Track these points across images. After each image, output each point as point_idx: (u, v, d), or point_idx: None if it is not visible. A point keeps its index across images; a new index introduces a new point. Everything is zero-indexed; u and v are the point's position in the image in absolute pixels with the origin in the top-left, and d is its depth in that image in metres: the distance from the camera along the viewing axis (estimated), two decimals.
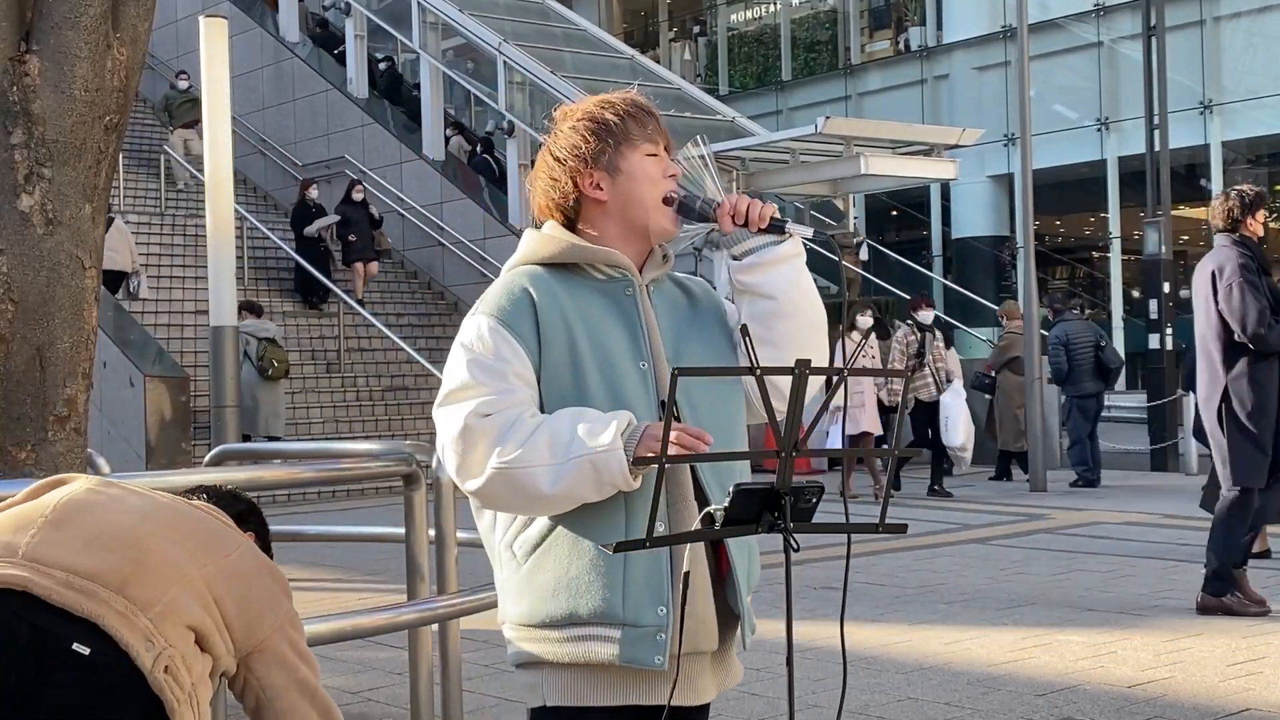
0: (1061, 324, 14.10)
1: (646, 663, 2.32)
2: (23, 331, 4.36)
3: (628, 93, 2.53)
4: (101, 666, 2.37)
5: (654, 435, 2.23)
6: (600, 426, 2.27)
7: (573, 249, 2.44)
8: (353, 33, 21.59)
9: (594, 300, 2.42)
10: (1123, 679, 5.58)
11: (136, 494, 2.70)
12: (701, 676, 2.41)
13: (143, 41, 4.67)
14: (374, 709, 5.42)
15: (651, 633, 2.32)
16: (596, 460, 2.25)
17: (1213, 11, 22.71)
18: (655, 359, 2.41)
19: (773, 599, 2.17)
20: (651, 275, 2.48)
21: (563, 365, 2.37)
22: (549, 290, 2.40)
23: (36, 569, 2.42)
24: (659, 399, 2.38)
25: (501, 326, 2.36)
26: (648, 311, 2.44)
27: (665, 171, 2.46)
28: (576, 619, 2.34)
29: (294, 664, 2.65)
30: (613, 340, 2.39)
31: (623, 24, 32.49)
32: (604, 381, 2.36)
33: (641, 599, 2.32)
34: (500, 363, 2.34)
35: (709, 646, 2.39)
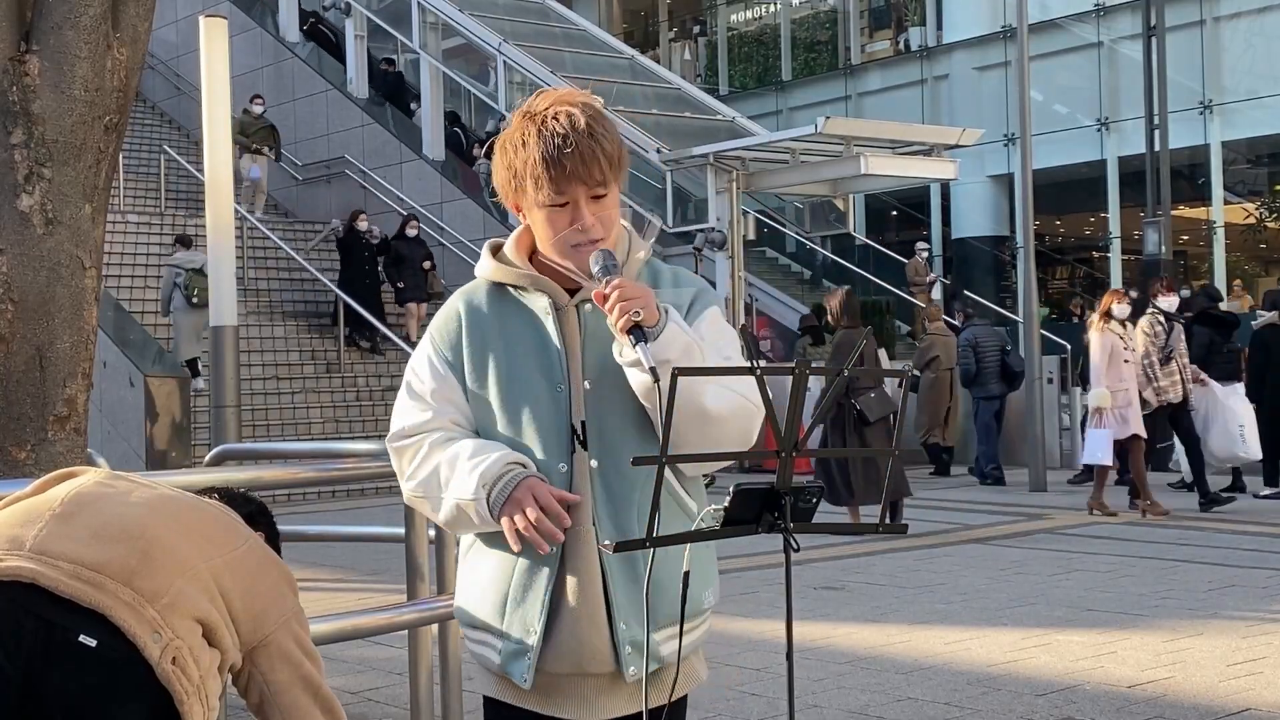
0: (971, 329, 14.89)
1: (515, 677, 2.41)
2: (23, 331, 4.36)
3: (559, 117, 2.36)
4: (108, 658, 2.38)
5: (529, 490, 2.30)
6: (474, 470, 2.34)
7: (501, 271, 2.48)
8: (353, 33, 21.60)
9: (518, 321, 2.45)
10: (1123, 679, 5.58)
11: (145, 486, 2.70)
12: (600, 696, 2.43)
13: (143, 41, 4.67)
14: (374, 709, 5.42)
15: (521, 651, 2.40)
16: (463, 505, 2.36)
17: (1213, 11, 22.71)
18: (572, 381, 2.41)
19: (773, 599, 2.17)
20: (588, 295, 2.41)
21: (480, 387, 2.44)
22: (479, 312, 2.47)
23: (44, 561, 2.42)
24: (571, 420, 2.39)
25: (431, 347, 2.48)
26: (570, 333, 2.42)
27: (572, 222, 2.37)
28: (476, 623, 2.48)
29: (299, 660, 2.65)
30: (529, 361, 2.41)
31: (623, 24, 32.49)
32: (513, 403, 2.41)
33: (515, 618, 2.40)
34: (428, 385, 2.46)
35: (600, 669, 2.40)
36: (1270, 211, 24.40)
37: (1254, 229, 24.31)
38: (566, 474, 2.38)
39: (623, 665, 2.39)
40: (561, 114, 2.36)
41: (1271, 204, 24.51)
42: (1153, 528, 10.29)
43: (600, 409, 2.39)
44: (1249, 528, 10.17)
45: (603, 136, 2.37)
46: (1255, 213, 24.26)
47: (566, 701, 2.42)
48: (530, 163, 2.35)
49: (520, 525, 2.28)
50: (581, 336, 2.42)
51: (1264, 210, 24.31)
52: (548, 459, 2.38)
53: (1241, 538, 9.71)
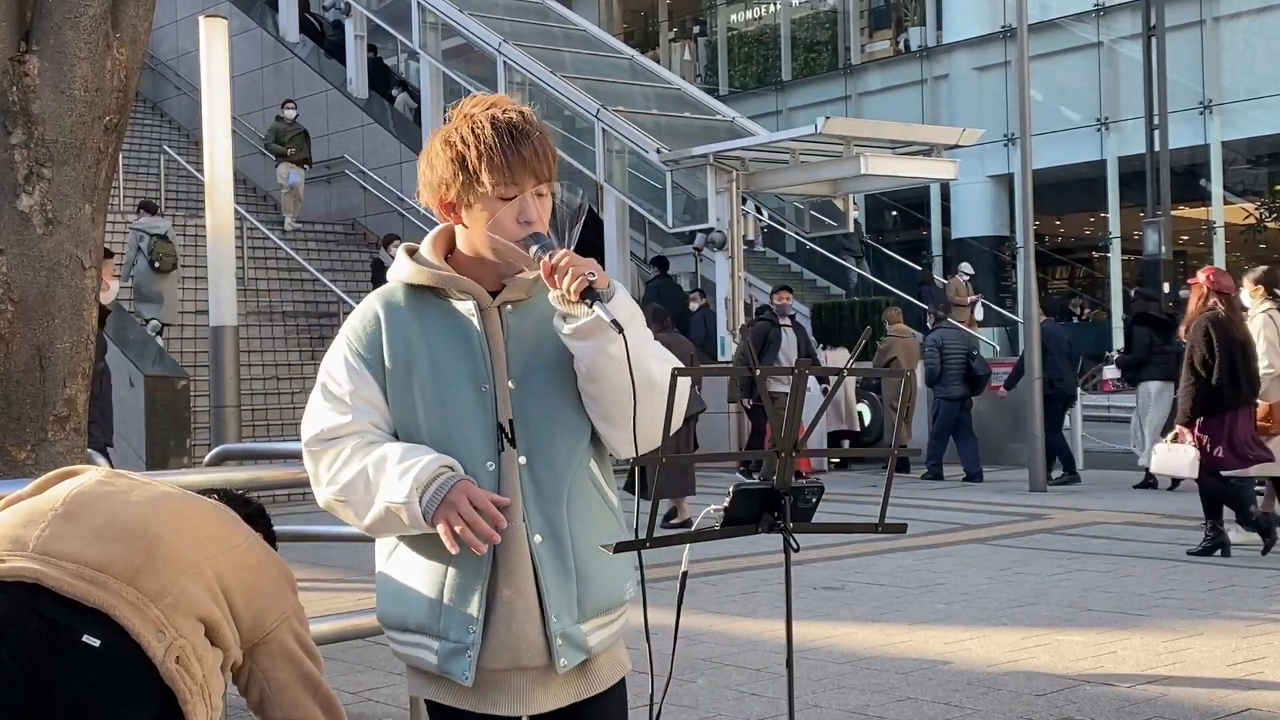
0: (940, 330, 15.15)
1: (456, 675, 2.42)
2: (23, 331, 4.36)
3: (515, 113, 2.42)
4: (112, 658, 2.38)
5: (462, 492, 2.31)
6: (405, 474, 2.33)
7: (423, 274, 2.47)
8: (353, 33, 21.60)
9: (441, 323, 2.45)
10: (1123, 679, 5.58)
11: (146, 485, 2.70)
12: (533, 689, 2.45)
13: (143, 41, 4.67)
14: (374, 709, 5.42)
15: (461, 649, 2.41)
16: (393, 509, 2.35)
17: (1213, 11, 22.72)
18: (497, 381, 2.43)
19: (773, 599, 2.17)
20: (512, 296, 2.46)
21: (402, 386, 2.44)
22: (398, 314, 2.47)
23: (47, 561, 2.43)
24: (498, 420, 2.42)
25: (348, 350, 2.47)
26: (494, 333, 2.44)
27: (520, 218, 2.40)
28: (408, 625, 2.47)
29: (299, 658, 2.65)
30: (453, 363, 2.43)
31: (623, 24, 32.50)
32: (439, 404, 2.42)
33: (454, 616, 2.41)
34: (345, 387, 2.45)
35: (534, 663, 2.42)
36: (1270, 211, 24.42)
37: (1254, 229, 24.33)
38: (495, 472, 2.41)
39: (554, 657, 2.42)
40: (512, 111, 2.42)
41: (1271, 204, 24.53)
42: (1153, 528, 10.29)
43: (526, 407, 2.42)
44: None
45: (548, 136, 2.44)
46: (1255, 213, 24.28)
47: (503, 696, 2.45)
48: (488, 152, 2.37)
49: (457, 528, 2.30)
50: (505, 337, 2.45)
51: (1264, 210, 24.33)
52: (475, 458, 2.40)
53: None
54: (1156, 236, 16.42)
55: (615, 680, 2.53)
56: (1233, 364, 8.69)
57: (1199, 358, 8.70)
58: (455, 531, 2.30)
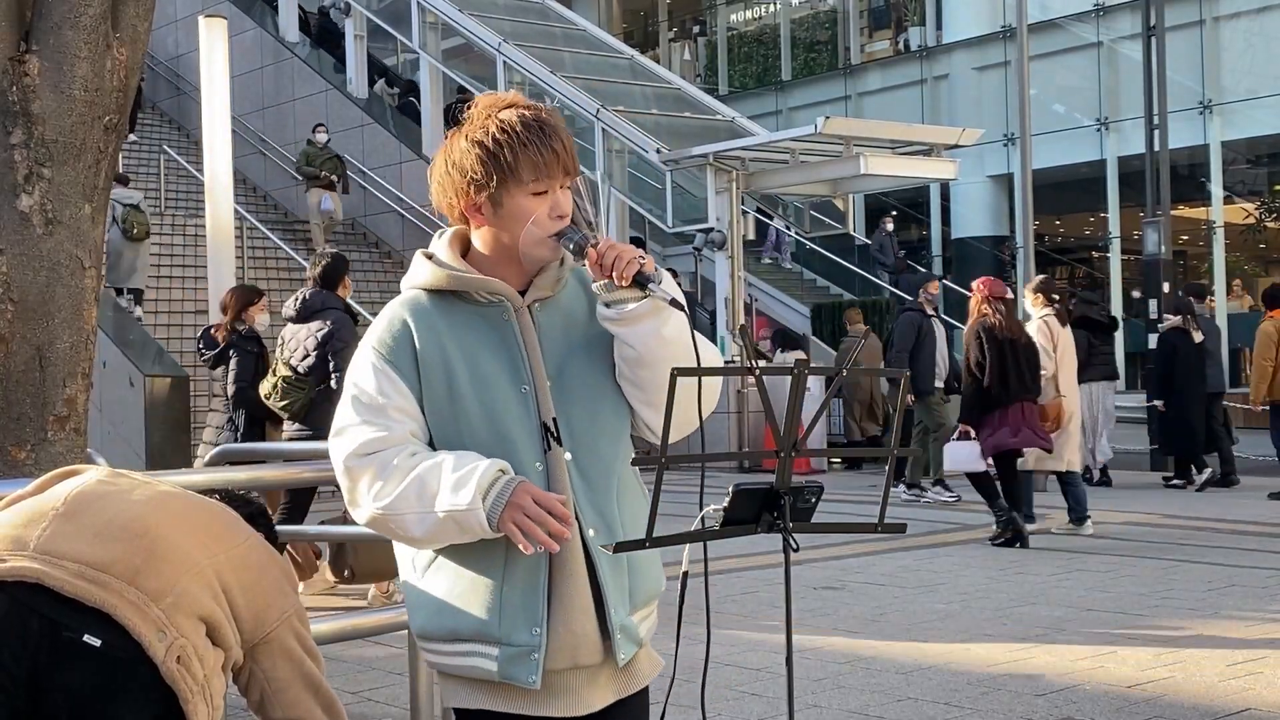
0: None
1: (521, 680, 2.38)
2: (23, 331, 4.36)
3: (537, 110, 2.43)
4: (114, 657, 2.38)
5: (526, 493, 2.28)
6: (466, 481, 2.30)
7: (452, 278, 2.45)
8: (352, 33, 21.59)
9: (473, 326, 2.43)
10: (1123, 679, 5.57)
11: (147, 484, 2.70)
12: (587, 688, 2.43)
13: (142, 41, 4.67)
14: (374, 709, 5.42)
15: (526, 652, 2.37)
16: (456, 517, 2.30)
17: (1213, 11, 22.72)
18: (536, 380, 2.42)
19: (773, 599, 2.17)
20: (539, 294, 2.45)
21: (441, 396, 2.40)
22: (428, 320, 2.43)
23: (49, 561, 2.43)
24: (539, 420, 2.41)
25: (381, 360, 2.42)
26: (528, 333, 2.43)
27: (553, 212, 2.40)
28: (460, 635, 2.42)
29: (300, 657, 2.65)
30: (491, 366, 2.41)
31: (623, 24, 32.49)
32: (482, 408, 2.39)
33: (517, 619, 2.38)
34: (381, 398, 2.40)
35: (590, 660, 2.41)
36: (1270, 211, 24.41)
37: (1254, 229, 24.33)
38: (543, 471, 2.40)
39: (615, 650, 2.41)
40: (532, 108, 2.43)
41: (1271, 204, 24.52)
42: (1153, 527, 10.29)
43: (566, 403, 2.42)
44: (1249, 528, 10.17)
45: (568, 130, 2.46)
46: (1255, 213, 24.27)
47: (561, 698, 2.42)
48: (522, 148, 2.37)
49: (526, 527, 2.27)
50: (538, 335, 2.44)
51: (1264, 210, 24.32)
52: (524, 459, 2.39)
53: (1241, 538, 9.71)
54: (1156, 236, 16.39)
55: (650, 679, 2.53)
56: (1003, 366, 9.42)
57: (973, 361, 9.50)
58: (525, 532, 2.28)
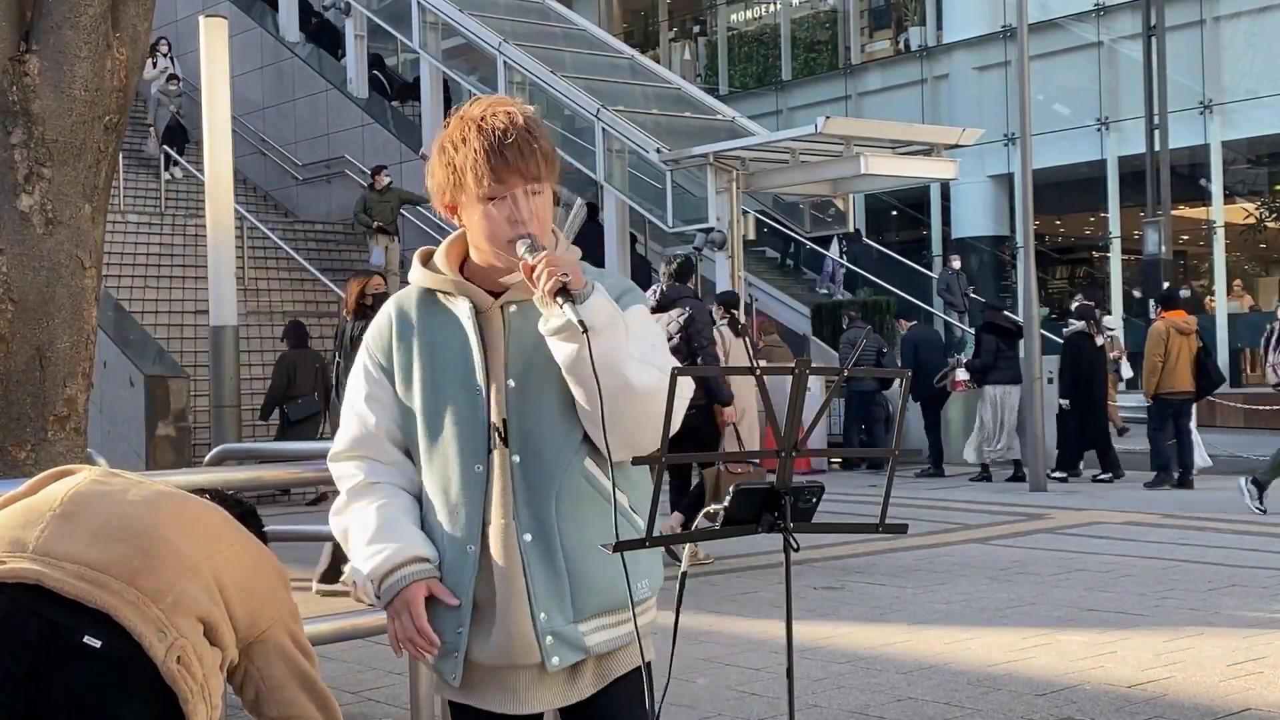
0: (853, 329, 16.50)
1: (446, 675, 2.49)
2: (23, 331, 4.36)
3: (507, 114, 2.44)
4: (113, 658, 2.38)
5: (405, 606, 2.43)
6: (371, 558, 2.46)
7: (426, 277, 2.54)
8: (353, 33, 21.59)
9: (443, 324, 2.51)
10: (1123, 679, 5.57)
11: (141, 484, 2.70)
12: (531, 688, 2.48)
13: (143, 41, 4.67)
14: (374, 709, 5.42)
15: (450, 649, 2.47)
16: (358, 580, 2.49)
17: (1213, 11, 22.71)
18: (494, 380, 2.46)
19: (773, 599, 2.17)
20: (513, 296, 2.47)
21: (406, 392, 2.53)
22: (407, 319, 2.55)
23: (48, 562, 2.43)
24: (489, 419, 2.45)
25: (367, 357, 2.57)
26: (493, 334, 2.47)
27: (510, 216, 2.42)
28: None
29: (294, 656, 2.65)
30: (450, 362, 2.49)
31: (623, 24, 32.48)
32: (430, 405, 2.49)
33: (444, 618, 2.47)
34: (364, 393, 2.56)
35: (526, 660, 2.45)
36: (1270, 211, 24.41)
37: (1254, 229, 24.32)
38: (482, 473, 2.44)
39: (545, 656, 2.43)
40: (500, 113, 2.45)
41: (1271, 204, 24.52)
42: (1153, 528, 10.29)
43: (523, 406, 2.45)
44: (1249, 528, 10.17)
45: (540, 135, 2.46)
46: (1255, 213, 24.27)
47: (497, 694, 2.48)
48: (472, 154, 2.41)
49: (400, 636, 2.46)
50: (506, 336, 2.47)
51: (1264, 210, 24.32)
52: (464, 459, 2.45)
53: (1242, 537, 9.71)
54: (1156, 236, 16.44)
55: (623, 673, 2.51)
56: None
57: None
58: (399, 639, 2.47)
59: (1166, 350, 13.14)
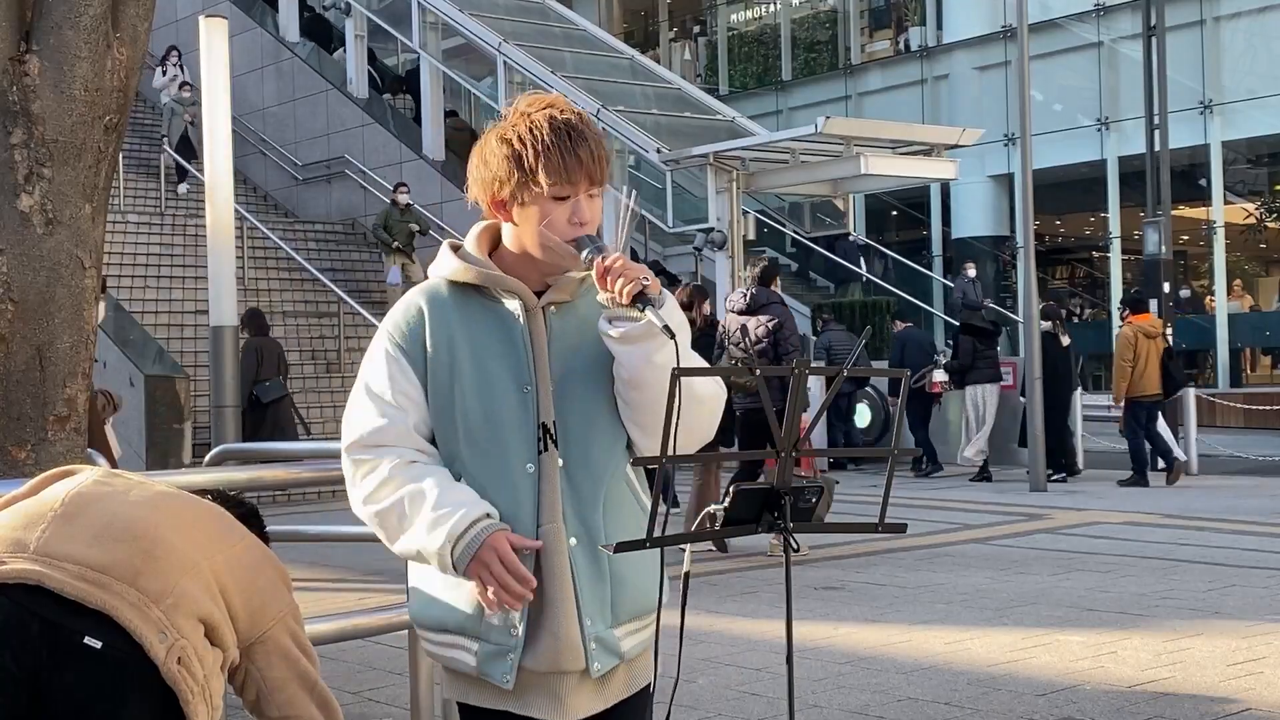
0: (827, 333, 16.59)
1: (496, 679, 2.40)
2: (23, 331, 4.36)
3: (571, 114, 2.41)
4: (114, 659, 2.38)
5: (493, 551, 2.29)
6: (441, 522, 2.32)
7: (469, 272, 2.46)
8: (353, 33, 21.60)
9: (484, 321, 2.44)
10: (1123, 679, 5.57)
11: (143, 485, 2.70)
12: (571, 695, 2.42)
13: (143, 41, 4.67)
14: (374, 709, 5.42)
15: (502, 651, 2.39)
16: (425, 554, 2.36)
17: (1213, 11, 22.71)
18: (539, 381, 2.42)
19: (773, 599, 2.17)
20: (556, 297, 2.44)
21: (443, 385, 2.42)
22: (443, 310, 2.45)
23: (49, 563, 2.42)
24: (539, 420, 2.41)
25: (392, 347, 2.44)
26: (538, 334, 2.43)
27: (573, 218, 2.39)
28: (446, 627, 2.45)
29: (295, 656, 2.65)
30: (495, 363, 2.41)
31: (623, 24, 32.48)
32: (481, 405, 2.40)
33: (495, 618, 2.38)
34: (388, 385, 2.42)
35: (573, 666, 2.40)
36: (1270, 211, 24.41)
37: (1254, 229, 24.33)
38: (534, 473, 2.40)
39: (589, 661, 2.40)
40: (568, 112, 2.41)
41: (1271, 204, 24.52)
42: (1153, 528, 10.29)
43: (567, 409, 2.41)
44: (1249, 528, 10.17)
45: (603, 139, 2.43)
46: (1255, 213, 24.27)
47: (542, 700, 2.42)
48: (545, 151, 2.36)
49: (490, 589, 2.31)
50: (548, 338, 2.44)
51: (1264, 210, 24.32)
52: (516, 459, 2.39)
53: (1241, 537, 9.71)
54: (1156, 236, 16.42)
55: (640, 687, 2.50)
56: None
57: None
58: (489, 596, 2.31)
59: (1136, 354, 13.36)
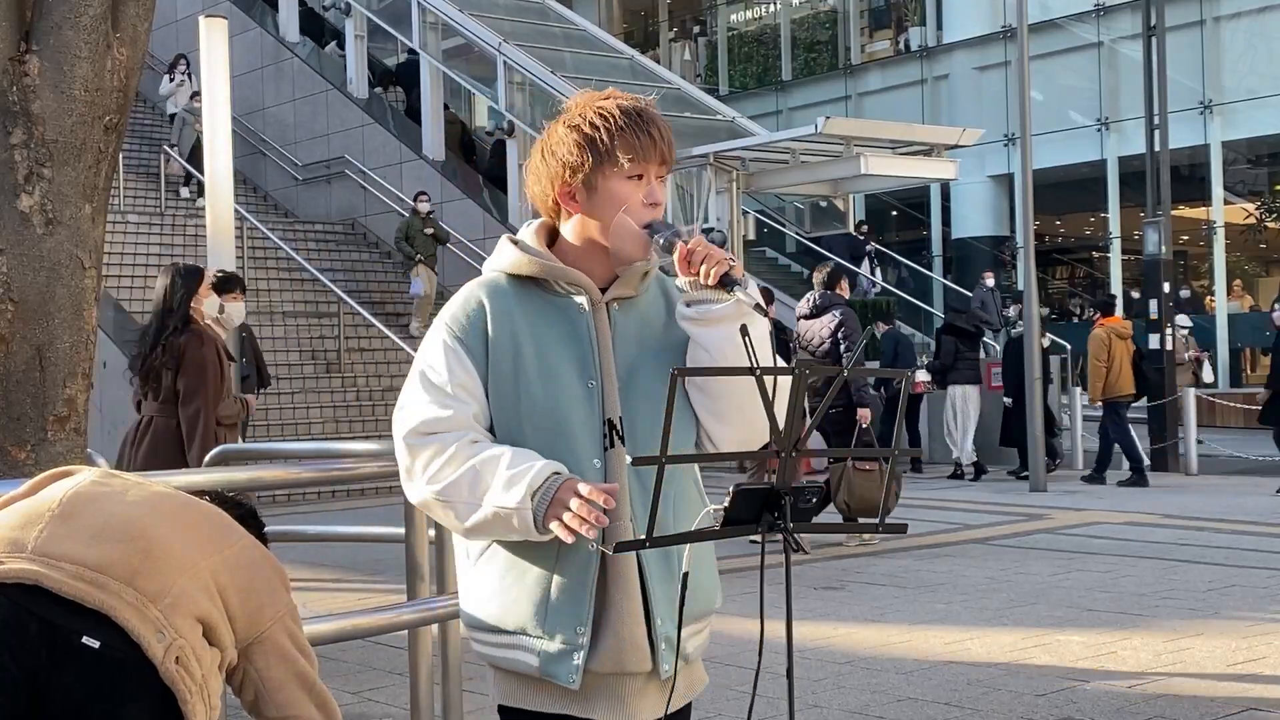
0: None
1: (561, 679, 2.35)
2: (23, 331, 4.36)
3: (635, 101, 2.44)
4: (112, 659, 2.38)
5: (570, 490, 2.24)
6: (515, 480, 2.27)
7: (532, 264, 2.42)
8: (353, 33, 21.60)
9: (548, 315, 2.41)
10: (1123, 679, 5.58)
11: (140, 485, 2.70)
12: (634, 697, 2.39)
13: (143, 41, 4.67)
14: (374, 709, 5.42)
15: (568, 651, 2.35)
16: (503, 514, 2.29)
17: (1213, 11, 22.72)
18: (604, 377, 2.40)
19: (773, 599, 2.17)
20: (620, 293, 2.43)
21: (507, 379, 2.38)
22: (505, 304, 2.41)
23: (47, 563, 2.42)
24: (604, 416, 2.38)
25: (451, 339, 2.40)
26: (603, 330, 2.41)
27: (647, 199, 2.39)
28: (504, 628, 2.40)
29: (294, 656, 2.65)
30: (561, 357, 2.39)
31: (623, 24, 32.49)
32: (546, 399, 2.37)
33: (561, 616, 2.34)
34: (448, 377, 2.38)
35: (637, 668, 2.36)
36: (1270, 211, 24.41)
37: (1254, 229, 24.33)
38: (600, 469, 2.37)
39: (658, 662, 2.38)
40: (633, 99, 2.44)
41: (1271, 204, 24.52)
42: (1153, 528, 10.30)
43: (634, 405, 2.39)
44: (1249, 528, 10.18)
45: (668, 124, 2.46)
46: (1255, 213, 24.28)
47: (604, 703, 2.38)
48: (618, 130, 2.37)
49: (568, 518, 2.23)
50: (613, 333, 2.42)
51: (1264, 210, 24.32)
52: (582, 455, 2.36)
53: (1241, 538, 9.72)
54: (1156, 236, 16.42)
55: (691, 697, 2.49)
56: None
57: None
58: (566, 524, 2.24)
59: (1109, 356, 13.69)
